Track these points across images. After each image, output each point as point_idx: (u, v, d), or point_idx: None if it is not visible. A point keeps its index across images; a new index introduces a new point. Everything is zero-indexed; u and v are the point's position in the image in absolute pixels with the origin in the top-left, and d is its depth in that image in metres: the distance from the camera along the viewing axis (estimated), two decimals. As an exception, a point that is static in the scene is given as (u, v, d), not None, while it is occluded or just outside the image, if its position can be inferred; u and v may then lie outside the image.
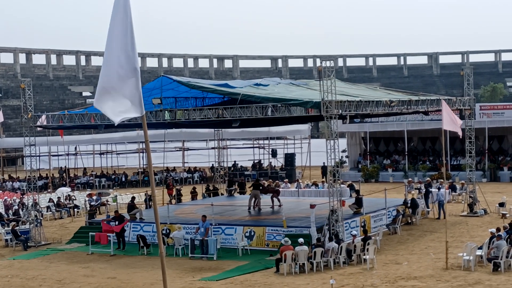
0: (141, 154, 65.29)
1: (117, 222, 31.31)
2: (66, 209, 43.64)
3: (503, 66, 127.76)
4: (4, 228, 35.32)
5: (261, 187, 36.59)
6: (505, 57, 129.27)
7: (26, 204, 35.88)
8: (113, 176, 62.85)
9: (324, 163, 49.90)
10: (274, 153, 64.99)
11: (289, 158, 62.12)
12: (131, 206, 34.43)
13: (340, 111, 28.13)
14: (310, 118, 34.22)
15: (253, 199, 35.72)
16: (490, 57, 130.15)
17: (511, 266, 23.99)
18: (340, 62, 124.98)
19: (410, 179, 48.10)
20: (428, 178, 45.15)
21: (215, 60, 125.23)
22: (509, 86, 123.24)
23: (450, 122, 27.27)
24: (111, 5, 10.41)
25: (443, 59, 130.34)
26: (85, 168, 66.72)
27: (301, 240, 26.02)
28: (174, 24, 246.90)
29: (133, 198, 36.79)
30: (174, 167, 65.76)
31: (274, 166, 65.48)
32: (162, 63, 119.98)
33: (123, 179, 62.24)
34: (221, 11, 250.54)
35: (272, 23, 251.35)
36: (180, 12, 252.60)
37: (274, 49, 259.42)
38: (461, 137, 29.93)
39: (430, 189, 38.79)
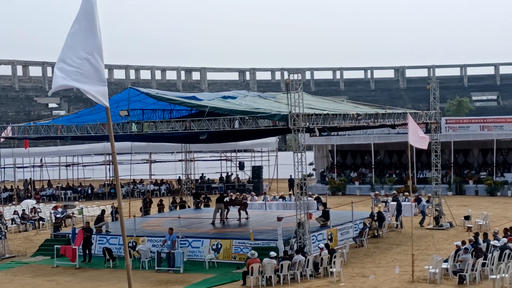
0: (107, 166, 64.84)
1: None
2: (31, 222, 43.17)
3: (469, 80, 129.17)
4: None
5: (225, 200, 36.56)
6: (471, 71, 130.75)
7: (-10, 216, 35.43)
8: (79, 189, 62.36)
9: (291, 175, 49.95)
10: (241, 166, 64.92)
11: (257, 171, 62.08)
12: (99, 218, 34.18)
13: (308, 124, 28.22)
14: (278, 131, 34.27)
15: (218, 213, 35.65)
16: (456, 72, 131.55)
17: (476, 279, 24.18)
18: (308, 75, 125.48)
19: (376, 192, 48.32)
20: (395, 191, 45.40)
21: (182, 72, 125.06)
22: (474, 100, 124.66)
23: (416, 137, 27.36)
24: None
25: (409, 73, 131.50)
26: (49, 180, 66.05)
27: (273, 253, 26.01)
28: (141, 36, 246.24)
29: (103, 211, 36.47)
30: (141, 179, 65.42)
31: (241, 178, 65.39)
32: (130, 75, 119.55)
33: (89, 191, 61.77)
34: (189, 23, 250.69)
35: (240, 35, 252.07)
36: (148, 23, 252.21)
37: (242, 61, 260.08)
38: (426, 148, 29.88)
39: (400, 202, 38.97)
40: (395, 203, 38.84)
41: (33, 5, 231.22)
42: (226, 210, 36.00)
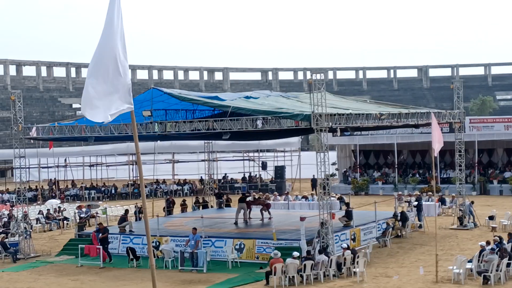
0: (131, 166, 65.16)
1: (101, 234, 31.19)
2: (56, 221, 43.47)
3: (493, 79, 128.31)
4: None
5: (247, 200, 36.57)
6: (495, 70, 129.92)
7: (16, 216, 35.70)
8: (102, 188, 62.71)
9: (314, 175, 49.88)
10: (264, 166, 64.94)
11: (279, 171, 62.06)
12: (123, 218, 34.34)
13: (330, 123, 28.16)
14: (300, 130, 34.21)
15: (240, 212, 35.70)
16: (480, 71, 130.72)
17: (501, 279, 24.03)
18: (330, 75, 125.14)
19: (400, 192, 48.10)
20: (417, 192, 45.16)
21: (205, 73, 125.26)
22: (498, 100, 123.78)
23: (437, 138, 27.11)
24: (102, 17, 10.41)
25: (433, 72, 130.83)
26: (73, 180, 66.44)
27: (296, 253, 26.01)
28: (164, 36, 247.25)
29: (127, 211, 36.61)
30: (164, 179, 65.63)
31: (264, 178, 65.38)
32: (153, 75, 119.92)
33: (113, 191, 62.08)
34: (211, 23, 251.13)
35: (263, 35, 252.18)
36: (171, 24, 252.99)
37: (265, 61, 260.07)
38: (436, 153, 29.38)
39: (421, 202, 38.82)
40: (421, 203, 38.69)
41: (56, 7, 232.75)
42: (248, 210, 36.02)
